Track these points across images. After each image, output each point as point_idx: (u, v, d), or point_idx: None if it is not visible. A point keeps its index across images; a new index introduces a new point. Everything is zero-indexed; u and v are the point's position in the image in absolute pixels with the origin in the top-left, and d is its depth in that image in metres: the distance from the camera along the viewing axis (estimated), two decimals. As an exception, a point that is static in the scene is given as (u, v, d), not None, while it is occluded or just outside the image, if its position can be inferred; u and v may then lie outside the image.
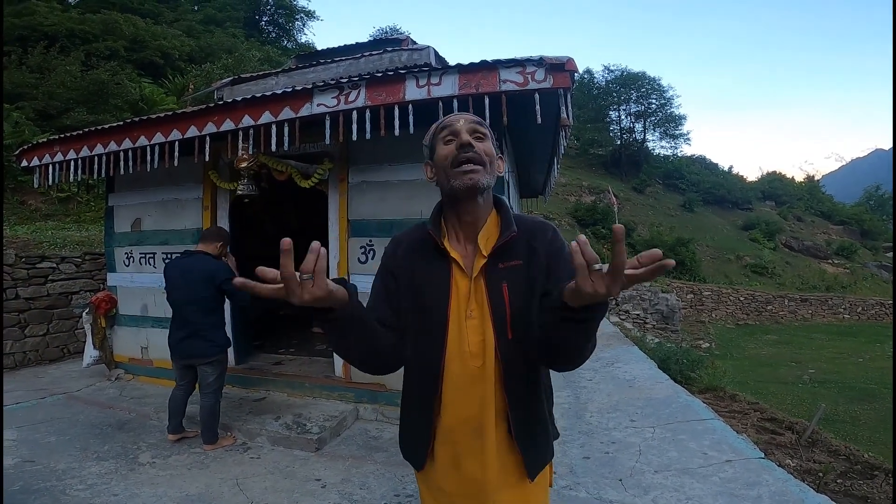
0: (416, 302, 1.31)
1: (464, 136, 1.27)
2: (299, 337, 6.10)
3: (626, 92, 38.30)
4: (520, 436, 1.28)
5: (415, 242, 1.36)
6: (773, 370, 11.96)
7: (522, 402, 1.29)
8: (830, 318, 22.04)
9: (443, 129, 1.33)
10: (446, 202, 1.34)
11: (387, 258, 1.40)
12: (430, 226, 1.33)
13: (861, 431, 7.26)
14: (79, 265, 6.69)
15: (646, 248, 6.47)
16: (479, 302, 1.27)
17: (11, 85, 12.80)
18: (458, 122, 1.31)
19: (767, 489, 3.02)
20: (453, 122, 1.31)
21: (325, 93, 3.57)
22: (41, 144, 4.89)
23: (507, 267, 1.27)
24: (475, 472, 1.29)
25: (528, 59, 3.15)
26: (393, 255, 1.38)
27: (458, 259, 1.29)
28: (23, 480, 3.16)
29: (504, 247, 1.27)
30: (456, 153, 1.26)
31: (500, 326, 1.24)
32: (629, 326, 12.26)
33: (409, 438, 1.41)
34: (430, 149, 1.36)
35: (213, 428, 3.74)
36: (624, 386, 5.36)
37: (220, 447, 3.72)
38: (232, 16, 31.32)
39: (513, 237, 1.28)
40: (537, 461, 1.33)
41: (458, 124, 1.30)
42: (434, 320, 1.28)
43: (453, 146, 1.28)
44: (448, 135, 1.30)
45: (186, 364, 3.74)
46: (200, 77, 16.46)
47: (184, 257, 3.77)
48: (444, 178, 1.29)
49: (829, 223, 38.59)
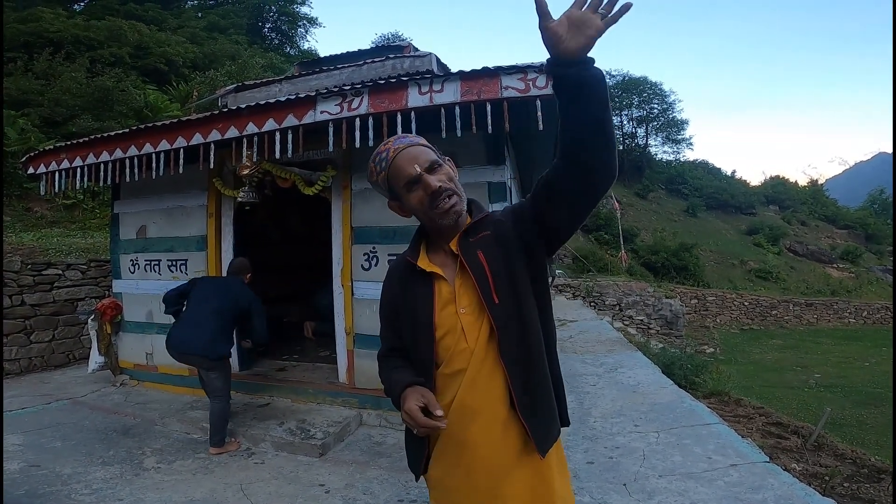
0: (411, 320, 1.38)
1: (431, 182, 1.29)
2: (303, 343, 6.11)
3: (627, 97, 38.28)
4: (521, 403, 1.27)
5: (402, 272, 1.44)
6: (778, 375, 11.92)
7: (521, 366, 1.29)
8: (836, 323, 21.96)
9: (396, 178, 1.34)
10: (431, 230, 1.40)
11: (384, 293, 1.50)
12: (409, 254, 1.41)
13: (867, 435, 7.22)
14: (84, 272, 6.73)
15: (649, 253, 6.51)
16: (464, 276, 1.32)
17: (17, 91, 12.89)
18: (412, 167, 1.30)
19: (773, 493, 3.01)
20: (407, 169, 1.31)
21: (329, 100, 3.59)
22: (48, 151, 4.93)
23: (477, 239, 1.34)
24: (478, 457, 1.28)
25: (530, 65, 3.17)
26: (389, 289, 1.48)
27: (436, 270, 1.35)
28: (28, 485, 3.17)
29: (472, 225, 1.36)
30: (430, 199, 1.30)
31: (486, 294, 1.28)
32: (633, 332, 12.25)
33: (411, 442, 1.43)
34: (389, 192, 1.40)
35: (221, 431, 3.78)
36: (628, 391, 5.35)
37: (225, 452, 3.75)
38: (235, 23, 31.51)
39: (484, 216, 1.38)
40: (544, 433, 1.30)
41: (414, 171, 1.30)
42: (421, 322, 1.34)
43: (422, 193, 1.31)
44: (407, 183, 1.32)
45: (182, 359, 3.81)
46: (204, 84, 16.54)
47: (220, 277, 4.33)
48: (427, 218, 1.35)
49: (834, 227, 38.41)
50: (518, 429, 1.28)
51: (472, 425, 1.28)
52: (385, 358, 1.49)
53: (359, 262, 4.36)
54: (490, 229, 1.35)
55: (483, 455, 1.28)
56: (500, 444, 1.28)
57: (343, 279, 4.41)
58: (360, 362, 4.35)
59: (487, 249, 1.31)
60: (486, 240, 1.33)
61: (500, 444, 1.28)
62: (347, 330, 4.41)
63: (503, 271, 1.30)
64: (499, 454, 1.28)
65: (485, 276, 1.28)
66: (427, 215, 1.33)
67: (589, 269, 18.90)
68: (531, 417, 1.28)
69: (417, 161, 1.31)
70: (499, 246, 1.32)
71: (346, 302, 4.41)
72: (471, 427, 1.28)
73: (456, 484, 1.33)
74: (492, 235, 1.33)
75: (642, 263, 22.54)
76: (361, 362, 4.33)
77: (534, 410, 1.29)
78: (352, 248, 4.39)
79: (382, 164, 1.35)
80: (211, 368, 3.74)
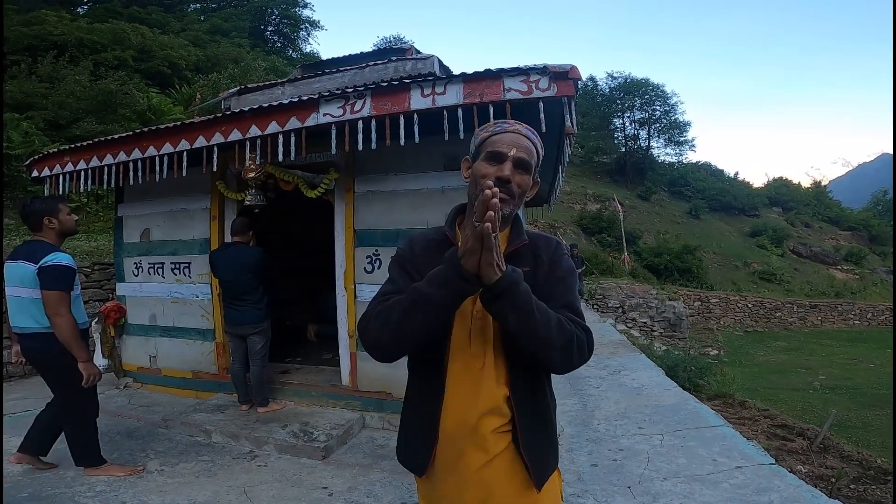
0: None
1: (506, 169, 1.26)
2: (306, 346, 6.12)
3: (629, 99, 38.19)
4: (525, 441, 1.28)
5: (430, 243, 1.38)
6: (783, 377, 11.88)
7: (527, 406, 1.30)
8: (840, 325, 21.88)
9: (493, 144, 1.30)
10: (469, 209, 1.35)
11: (402, 253, 1.40)
12: (447, 228, 1.37)
13: (873, 437, 7.19)
14: (88, 275, 6.75)
15: (652, 255, 6.52)
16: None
17: (21, 94, 12.95)
18: (509, 149, 1.28)
19: (779, 495, 2.99)
20: (504, 146, 1.28)
21: (331, 103, 3.59)
22: (52, 155, 4.94)
23: None
24: (478, 480, 1.28)
25: (532, 67, 3.17)
26: (409, 251, 1.39)
27: None
28: (32, 487, 3.18)
29: (514, 254, 1.31)
30: (494, 181, 1.25)
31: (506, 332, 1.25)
32: (636, 334, 12.21)
33: (411, 443, 1.40)
34: (474, 150, 1.36)
35: (263, 392, 4.40)
36: (631, 393, 5.34)
37: (270, 410, 4.34)
38: (237, 26, 31.65)
39: (523, 245, 1.33)
40: (543, 469, 1.32)
41: (509, 152, 1.27)
42: None
43: (493, 171, 1.27)
44: (493, 154, 1.29)
45: (237, 333, 4.39)
46: (207, 87, 16.62)
47: (225, 248, 4.50)
48: (474, 193, 1.30)
49: (838, 229, 38.30)
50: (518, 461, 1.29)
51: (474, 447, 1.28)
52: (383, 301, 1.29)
53: (362, 265, 4.36)
54: (531, 265, 1.31)
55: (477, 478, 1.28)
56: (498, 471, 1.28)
57: (346, 282, 4.41)
58: (363, 365, 4.34)
59: None
60: (525, 278, 1.27)
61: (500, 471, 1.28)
62: (350, 333, 4.40)
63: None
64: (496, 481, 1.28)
65: None
66: (477, 194, 1.28)
67: (591, 271, 18.85)
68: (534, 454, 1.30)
69: (517, 147, 1.28)
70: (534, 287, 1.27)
71: (349, 305, 4.41)
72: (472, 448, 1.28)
73: (453, 498, 1.32)
74: (530, 275, 1.29)
75: (645, 266, 22.49)
76: (364, 365, 4.32)
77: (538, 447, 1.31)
78: (355, 251, 4.39)
79: (496, 128, 1.33)
80: (256, 333, 4.33)
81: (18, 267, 3.06)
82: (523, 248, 1.33)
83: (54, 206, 3.24)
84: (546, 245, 1.37)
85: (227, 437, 4.00)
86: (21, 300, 3.07)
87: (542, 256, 1.34)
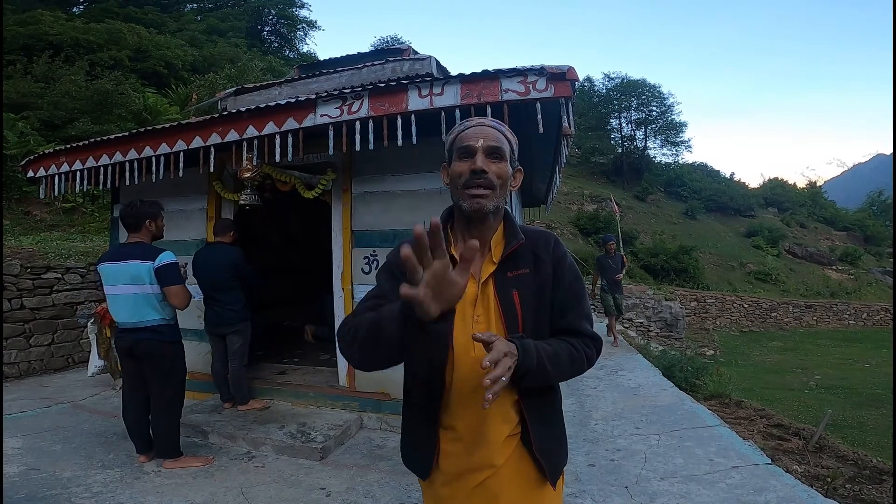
0: None
1: (478, 160, 1.26)
2: (303, 347, 6.11)
3: (626, 99, 38.26)
4: (539, 444, 1.28)
5: None
6: (778, 377, 11.90)
7: (537, 407, 1.30)
8: (836, 325, 21.94)
9: (461, 141, 1.31)
10: (457, 212, 1.35)
11: (392, 258, 1.36)
12: None
13: (869, 437, 7.20)
14: (83, 275, 6.72)
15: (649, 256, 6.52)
16: (486, 307, 1.28)
17: (17, 94, 12.89)
18: (476, 140, 1.28)
19: (775, 495, 3.01)
20: (471, 140, 1.29)
21: (329, 103, 3.59)
22: (47, 155, 4.91)
23: (515, 275, 1.29)
24: (484, 485, 1.27)
25: (530, 68, 3.17)
26: (398, 257, 1.37)
27: None
28: (28, 489, 3.17)
29: (512, 255, 1.30)
30: (468, 176, 1.26)
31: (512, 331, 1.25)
32: (633, 334, 12.23)
33: (413, 446, 1.39)
34: (448, 154, 1.36)
35: (241, 391, 4.44)
36: (628, 393, 5.35)
37: (251, 408, 4.39)
38: (234, 26, 31.58)
39: (520, 245, 1.31)
40: (557, 466, 1.33)
41: (476, 143, 1.27)
42: None
43: (467, 166, 1.27)
44: (463, 150, 1.29)
45: (215, 332, 4.44)
46: (204, 87, 16.56)
47: (205, 248, 4.53)
48: (455, 194, 1.31)
49: (833, 229, 38.45)
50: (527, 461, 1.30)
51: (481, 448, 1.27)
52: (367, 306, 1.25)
53: (359, 265, 4.36)
54: (530, 266, 1.31)
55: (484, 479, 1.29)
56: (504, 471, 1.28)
57: (343, 283, 4.41)
58: (360, 365, 4.33)
59: (524, 292, 1.28)
60: (525, 281, 1.29)
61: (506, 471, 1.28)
62: (348, 333, 4.39)
63: (535, 316, 1.29)
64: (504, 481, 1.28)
65: (515, 319, 1.26)
66: (457, 191, 1.29)
67: (588, 271, 18.87)
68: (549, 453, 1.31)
69: (484, 137, 1.28)
70: (535, 290, 1.29)
71: (346, 305, 4.40)
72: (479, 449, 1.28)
73: (459, 499, 1.31)
74: (531, 276, 1.30)
75: (642, 266, 22.51)
76: (362, 365, 4.31)
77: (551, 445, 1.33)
78: (352, 252, 4.39)
79: (461, 126, 1.35)
80: (234, 332, 4.37)
81: (132, 266, 3.32)
82: (520, 248, 1.31)
83: (158, 211, 3.57)
84: (544, 242, 1.35)
85: (224, 438, 3.99)
86: (136, 297, 3.35)
87: (542, 256, 1.32)
